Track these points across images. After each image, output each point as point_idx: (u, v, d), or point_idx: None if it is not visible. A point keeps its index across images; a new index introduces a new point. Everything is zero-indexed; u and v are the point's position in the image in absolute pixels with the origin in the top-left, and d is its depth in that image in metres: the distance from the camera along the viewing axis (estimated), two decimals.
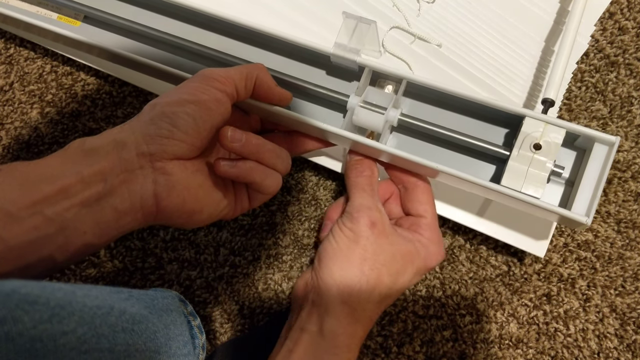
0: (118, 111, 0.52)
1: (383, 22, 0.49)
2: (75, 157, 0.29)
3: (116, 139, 0.29)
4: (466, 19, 0.50)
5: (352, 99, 0.38)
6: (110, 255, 0.49)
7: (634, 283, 0.47)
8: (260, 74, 0.35)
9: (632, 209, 0.48)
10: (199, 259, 0.48)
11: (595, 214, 0.48)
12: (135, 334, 0.29)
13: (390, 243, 0.35)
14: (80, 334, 0.24)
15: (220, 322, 0.47)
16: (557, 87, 0.39)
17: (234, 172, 0.33)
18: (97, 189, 0.28)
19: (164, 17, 0.45)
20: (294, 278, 0.48)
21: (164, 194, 0.30)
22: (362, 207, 0.36)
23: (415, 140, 0.41)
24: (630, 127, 0.50)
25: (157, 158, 0.30)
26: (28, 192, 0.26)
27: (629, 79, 0.51)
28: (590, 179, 0.35)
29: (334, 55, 0.38)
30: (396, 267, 0.35)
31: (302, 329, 0.34)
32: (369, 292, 0.34)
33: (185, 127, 0.30)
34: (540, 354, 0.46)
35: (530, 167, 0.35)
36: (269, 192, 0.36)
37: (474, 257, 0.48)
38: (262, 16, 0.49)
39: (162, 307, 0.36)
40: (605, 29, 0.53)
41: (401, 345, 0.46)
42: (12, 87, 0.54)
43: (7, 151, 0.52)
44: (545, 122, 0.35)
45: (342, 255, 0.35)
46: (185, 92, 0.31)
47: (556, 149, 0.34)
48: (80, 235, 0.28)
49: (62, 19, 0.46)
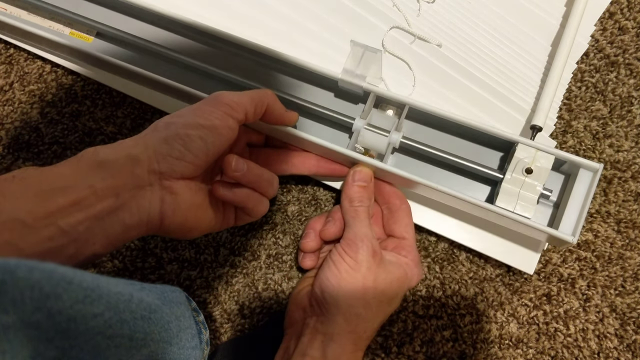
0: (118, 111, 0.52)
1: (383, 22, 0.49)
2: (88, 168, 0.29)
3: (130, 154, 0.30)
4: (466, 19, 0.50)
5: (357, 121, 0.41)
6: (110, 255, 0.49)
7: (634, 283, 0.47)
8: (270, 101, 0.37)
9: (632, 209, 0.48)
10: (199, 259, 0.48)
11: (595, 214, 0.48)
12: (152, 323, 0.29)
13: (387, 271, 0.37)
14: (107, 318, 0.25)
15: (220, 322, 0.47)
16: (546, 114, 0.43)
17: (230, 197, 0.35)
18: (110, 203, 0.29)
19: (171, 34, 0.46)
20: (294, 278, 0.48)
21: (169, 213, 0.31)
22: (365, 236, 0.37)
23: (414, 160, 0.44)
24: (630, 127, 0.50)
25: (166, 177, 0.31)
26: (43, 203, 0.27)
27: (629, 79, 0.51)
28: (577, 201, 0.38)
29: (341, 81, 0.41)
30: (393, 293, 0.37)
31: (303, 354, 0.35)
32: (373, 319, 0.36)
33: (196, 150, 0.31)
34: (540, 354, 0.46)
35: (522, 190, 0.38)
36: (257, 217, 0.39)
37: (474, 257, 0.48)
38: (261, 15, 0.49)
39: (172, 300, 0.36)
40: (605, 29, 0.53)
41: (401, 345, 0.46)
42: (12, 87, 0.54)
43: (7, 151, 0.52)
44: (537, 149, 0.38)
45: (346, 284, 0.36)
46: (200, 115, 0.32)
47: (546, 173, 0.38)
48: (89, 246, 0.28)
49: (74, 34, 0.47)
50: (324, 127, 0.44)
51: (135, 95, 0.51)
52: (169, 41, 0.45)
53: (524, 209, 0.37)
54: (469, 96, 0.47)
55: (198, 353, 0.37)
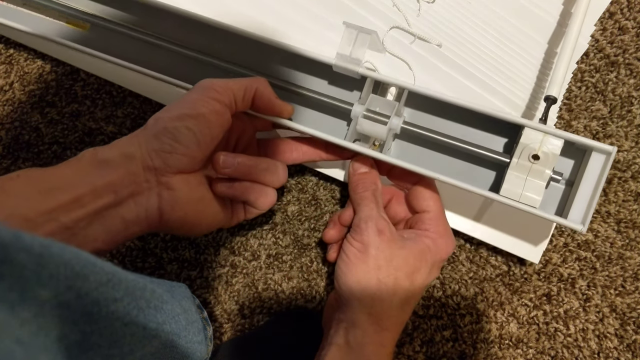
0: (118, 111, 0.52)
1: (383, 22, 0.49)
2: (88, 167, 0.30)
3: (125, 152, 0.31)
4: (466, 19, 0.50)
5: (355, 107, 0.39)
6: (111, 255, 0.49)
7: (634, 283, 0.47)
8: (260, 86, 0.36)
9: (632, 209, 0.48)
10: (199, 259, 0.48)
11: (595, 213, 0.48)
12: (164, 313, 0.29)
13: (400, 247, 0.36)
14: (126, 304, 0.25)
15: (220, 322, 0.47)
16: (560, 85, 0.39)
17: (230, 193, 0.35)
18: (109, 199, 0.29)
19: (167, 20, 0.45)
20: (294, 278, 0.48)
21: (168, 208, 0.32)
22: (369, 217, 0.37)
23: (417, 147, 0.42)
24: (630, 127, 0.50)
25: (162, 172, 0.31)
26: (45, 200, 0.28)
27: (629, 78, 0.51)
28: (587, 187, 0.35)
29: (336, 66, 0.39)
30: (411, 268, 0.36)
31: (329, 343, 0.35)
32: (390, 298, 0.35)
33: (186, 141, 0.31)
34: (540, 354, 0.46)
35: (528, 176, 0.35)
36: (263, 209, 0.39)
37: (474, 257, 0.48)
38: (261, 15, 0.49)
39: (180, 294, 0.36)
40: (605, 28, 0.53)
41: (401, 345, 0.46)
42: (12, 87, 0.54)
43: (7, 151, 0.52)
44: (544, 133, 0.35)
45: (355, 268, 0.35)
46: (185, 106, 0.32)
47: (554, 159, 0.35)
48: (91, 242, 0.29)
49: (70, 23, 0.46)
50: (323, 115, 0.42)
51: (134, 88, 0.51)
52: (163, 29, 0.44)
53: (531, 198, 0.35)
54: (469, 96, 0.47)
55: (203, 348, 0.37)
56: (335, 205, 0.50)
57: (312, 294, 0.48)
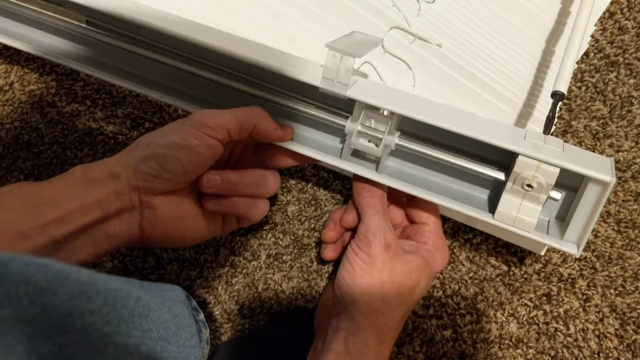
0: (118, 111, 0.52)
1: (383, 22, 0.49)
2: (77, 184, 0.32)
3: (112, 171, 0.32)
4: (466, 19, 0.50)
5: (349, 124, 0.37)
6: (110, 255, 0.49)
7: (634, 283, 0.47)
8: (258, 120, 0.36)
9: (632, 209, 0.48)
10: (199, 259, 0.48)
11: None
12: (150, 321, 0.30)
13: (404, 262, 0.36)
14: (105, 314, 0.25)
15: (220, 322, 0.47)
16: (568, 80, 0.38)
17: (218, 209, 0.37)
18: (96, 216, 0.31)
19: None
20: (294, 278, 0.48)
21: (148, 226, 0.33)
22: (378, 229, 0.37)
23: (412, 165, 0.40)
24: (630, 127, 0.50)
25: (145, 192, 0.33)
26: (38, 215, 0.29)
27: (629, 78, 0.51)
28: (584, 212, 0.34)
29: (322, 89, 0.37)
30: (412, 283, 0.36)
31: (327, 349, 0.35)
32: (393, 312, 0.36)
33: (172, 169, 0.33)
34: (540, 354, 0.46)
35: (523, 200, 0.34)
36: (254, 220, 0.40)
37: (474, 257, 0.48)
38: (265, 18, 0.49)
39: (171, 298, 0.36)
40: (605, 28, 0.53)
41: (401, 345, 0.46)
42: (12, 87, 0.54)
43: (7, 151, 0.52)
44: (538, 162, 0.33)
45: (360, 279, 0.36)
46: (177, 135, 0.34)
47: (549, 187, 0.33)
48: (77, 254, 0.31)
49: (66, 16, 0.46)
50: (316, 131, 0.41)
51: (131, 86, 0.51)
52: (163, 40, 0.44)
53: (525, 222, 0.34)
54: (469, 96, 0.47)
55: (198, 352, 0.37)
56: (335, 205, 0.50)
57: (312, 294, 0.48)
